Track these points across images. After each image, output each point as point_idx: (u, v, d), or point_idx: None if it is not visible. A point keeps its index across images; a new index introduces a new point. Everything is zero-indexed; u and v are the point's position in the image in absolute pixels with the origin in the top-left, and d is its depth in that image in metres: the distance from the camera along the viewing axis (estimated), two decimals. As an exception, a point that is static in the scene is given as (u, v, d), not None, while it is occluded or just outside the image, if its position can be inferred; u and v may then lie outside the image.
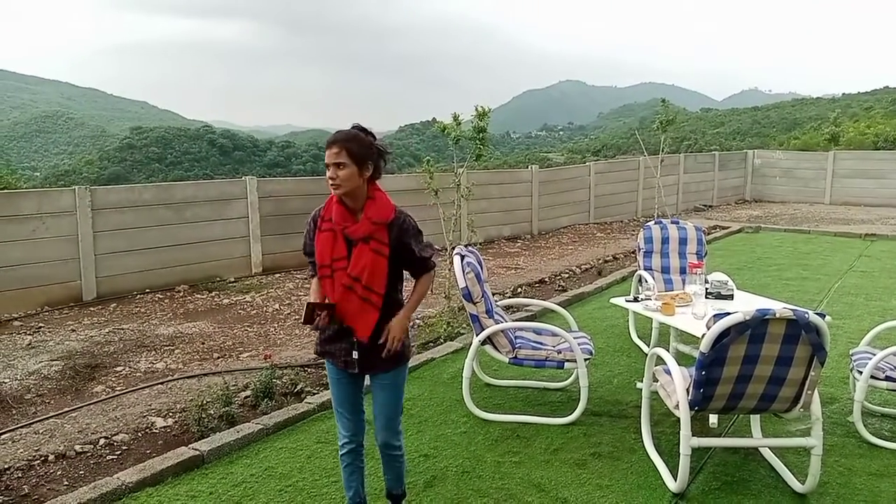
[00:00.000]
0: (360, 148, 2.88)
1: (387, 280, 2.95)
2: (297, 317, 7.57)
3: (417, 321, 7.00)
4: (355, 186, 2.89)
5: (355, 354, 3.00)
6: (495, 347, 4.79)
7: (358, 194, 2.92)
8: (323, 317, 2.91)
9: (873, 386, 4.36)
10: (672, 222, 6.67)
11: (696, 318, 4.56)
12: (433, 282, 3.17)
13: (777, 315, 3.32)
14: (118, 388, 5.43)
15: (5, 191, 8.95)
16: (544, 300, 7.34)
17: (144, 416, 4.81)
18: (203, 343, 6.65)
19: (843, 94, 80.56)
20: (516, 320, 6.35)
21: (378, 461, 3.39)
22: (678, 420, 3.67)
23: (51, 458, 4.19)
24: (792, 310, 3.37)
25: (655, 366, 4.21)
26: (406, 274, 3.10)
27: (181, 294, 8.77)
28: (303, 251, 3.16)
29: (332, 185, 2.87)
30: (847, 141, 24.97)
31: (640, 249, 6.59)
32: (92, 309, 8.05)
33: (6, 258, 7.74)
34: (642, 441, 4.27)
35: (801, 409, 3.65)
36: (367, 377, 3.18)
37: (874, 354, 4.40)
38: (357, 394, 3.17)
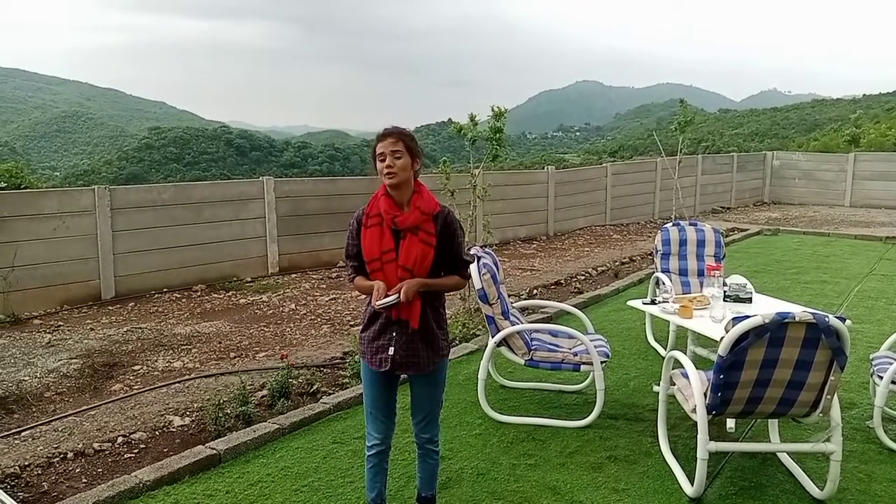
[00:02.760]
0: (412, 141, 3.00)
1: (431, 271, 3.01)
2: (313, 317, 7.60)
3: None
4: (407, 178, 2.97)
5: (391, 351, 3.02)
6: (511, 349, 4.78)
7: (406, 187, 2.99)
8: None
9: (894, 391, 4.31)
10: (690, 224, 6.62)
11: (714, 321, 4.52)
12: (458, 290, 3.22)
13: (797, 318, 3.29)
14: (136, 387, 5.48)
15: (27, 190, 9.06)
16: (560, 302, 7.31)
17: (162, 415, 4.85)
18: (220, 342, 6.69)
19: (864, 94, 79.55)
20: (532, 322, 6.33)
21: (392, 462, 3.38)
22: (695, 424, 3.64)
23: (70, 455, 4.23)
24: (812, 313, 3.33)
25: (673, 369, 4.18)
26: None
27: (198, 293, 8.84)
28: (345, 254, 3.16)
29: (388, 173, 2.92)
30: (868, 142, 24.70)
31: (657, 251, 6.54)
32: (110, 308, 8.13)
33: (27, 257, 7.84)
34: (659, 445, 4.24)
35: (821, 414, 3.60)
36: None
37: (895, 359, 4.34)
38: (392, 395, 3.19)
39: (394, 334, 3.01)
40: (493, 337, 4.76)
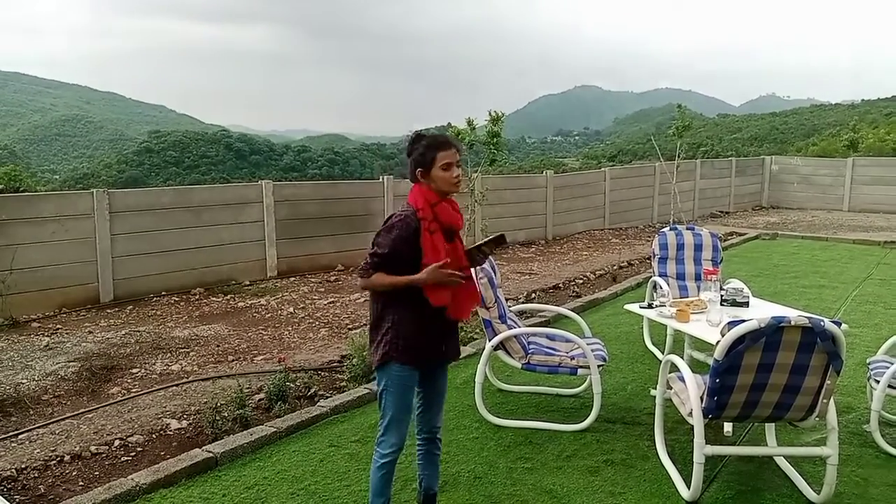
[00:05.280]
0: None
1: None
2: (311, 320, 7.60)
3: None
4: None
5: (442, 343, 3.14)
6: (508, 353, 4.78)
7: None
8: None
9: (891, 395, 4.32)
10: (687, 228, 6.63)
11: (711, 326, 4.53)
12: None
13: (792, 323, 3.30)
14: (133, 390, 5.48)
15: (25, 193, 9.07)
16: (558, 306, 7.31)
17: (159, 418, 4.84)
18: (218, 346, 6.69)
19: (863, 100, 79.80)
20: (529, 326, 6.33)
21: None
22: (692, 428, 3.64)
23: (66, 458, 4.23)
24: (807, 317, 3.34)
25: (669, 373, 4.19)
26: None
27: (197, 297, 8.84)
28: (384, 256, 2.95)
29: (458, 182, 3.05)
30: (866, 147, 24.78)
31: (654, 255, 6.55)
32: (109, 311, 8.13)
33: (26, 260, 7.83)
34: (655, 449, 4.24)
35: (817, 418, 3.61)
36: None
37: (892, 363, 4.35)
38: None
39: (440, 326, 3.10)
40: (490, 340, 4.77)
